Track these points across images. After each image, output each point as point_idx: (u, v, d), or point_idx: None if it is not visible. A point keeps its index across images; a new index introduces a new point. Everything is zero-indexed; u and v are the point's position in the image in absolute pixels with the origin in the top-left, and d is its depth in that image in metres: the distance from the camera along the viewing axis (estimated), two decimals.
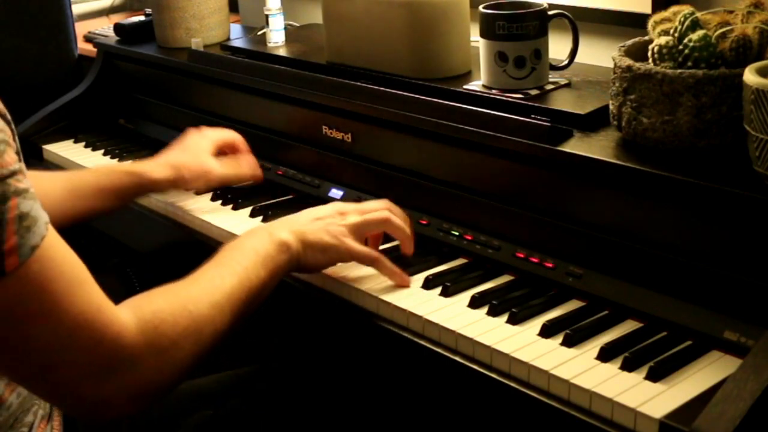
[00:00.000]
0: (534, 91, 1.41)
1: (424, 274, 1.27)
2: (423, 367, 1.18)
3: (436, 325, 1.15)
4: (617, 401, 0.97)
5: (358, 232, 1.26)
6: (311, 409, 1.31)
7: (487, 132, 1.31)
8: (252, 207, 1.53)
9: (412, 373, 1.22)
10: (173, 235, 1.60)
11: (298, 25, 2.07)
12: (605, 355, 1.05)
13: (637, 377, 1.02)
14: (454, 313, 1.17)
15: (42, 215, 0.91)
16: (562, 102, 1.37)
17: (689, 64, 1.16)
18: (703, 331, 1.06)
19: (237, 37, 2.04)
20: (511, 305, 1.17)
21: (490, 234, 1.30)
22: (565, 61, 1.46)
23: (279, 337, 1.54)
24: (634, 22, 1.48)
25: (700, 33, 1.16)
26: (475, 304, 1.19)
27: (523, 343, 1.10)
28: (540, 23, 1.40)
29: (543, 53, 1.42)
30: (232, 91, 1.78)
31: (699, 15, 1.19)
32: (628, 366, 1.03)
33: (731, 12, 1.19)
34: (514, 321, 1.14)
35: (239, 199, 1.57)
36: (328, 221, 1.25)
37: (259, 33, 1.98)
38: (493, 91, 1.43)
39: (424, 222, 1.37)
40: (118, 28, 2.11)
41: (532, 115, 1.31)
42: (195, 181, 1.54)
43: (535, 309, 1.17)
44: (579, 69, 1.50)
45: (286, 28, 1.87)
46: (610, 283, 1.16)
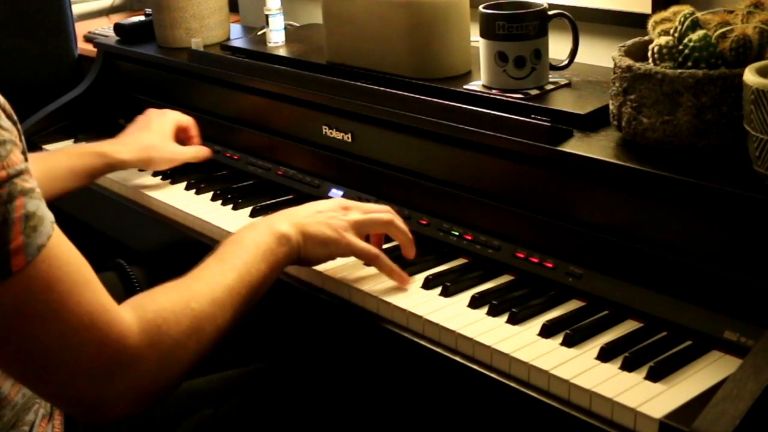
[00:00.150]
0: (534, 91, 1.41)
1: (424, 274, 1.27)
2: (423, 367, 1.18)
3: (436, 325, 1.15)
4: (617, 401, 0.98)
5: (360, 228, 1.25)
6: (311, 409, 1.30)
7: (487, 132, 1.31)
8: (252, 207, 1.53)
9: (412, 373, 1.22)
10: (173, 235, 1.60)
11: (298, 25, 2.07)
12: (605, 355, 1.05)
13: (637, 377, 1.02)
14: (454, 313, 1.17)
15: (48, 215, 0.91)
16: (562, 102, 1.37)
17: (689, 64, 1.16)
18: (703, 331, 1.06)
19: (237, 37, 2.04)
20: (511, 305, 1.17)
21: (490, 234, 1.30)
22: (565, 61, 1.46)
23: (279, 337, 1.53)
24: (634, 22, 1.48)
25: (700, 33, 1.16)
26: (475, 304, 1.19)
27: (523, 343, 1.10)
28: (540, 23, 1.40)
29: (543, 53, 1.42)
30: (232, 91, 1.78)
31: (699, 15, 1.19)
32: (628, 366, 1.03)
33: (731, 12, 1.19)
34: (514, 321, 1.14)
35: (239, 199, 1.57)
36: (330, 215, 1.24)
37: (259, 33, 1.98)
38: (493, 91, 1.43)
39: (424, 222, 1.37)
40: (118, 28, 2.11)
41: (532, 115, 1.31)
42: (162, 164, 1.64)
43: (535, 309, 1.17)
44: (579, 69, 1.50)
45: (286, 28, 1.87)
46: (610, 283, 1.16)
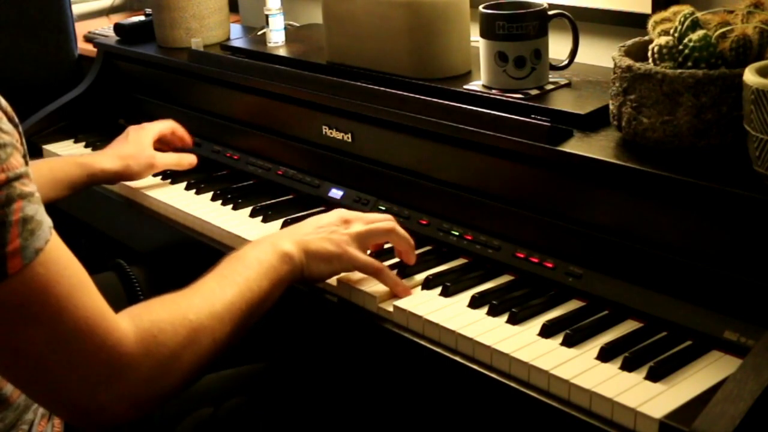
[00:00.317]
0: (534, 91, 1.41)
1: (424, 274, 1.27)
2: (423, 367, 1.18)
3: (436, 325, 1.15)
4: (617, 401, 0.97)
5: (362, 241, 1.25)
6: (311, 409, 1.30)
7: (487, 132, 1.31)
8: (252, 207, 1.53)
9: (412, 373, 1.22)
10: (173, 235, 1.60)
11: (298, 25, 2.07)
12: (605, 355, 1.05)
13: (637, 377, 1.02)
14: (454, 313, 1.17)
15: (46, 219, 0.91)
16: (562, 102, 1.37)
17: (689, 64, 1.16)
18: (703, 331, 1.06)
19: (237, 37, 2.04)
20: (511, 305, 1.17)
21: (490, 234, 1.30)
22: (565, 61, 1.46)
23: (279, 337, 1.53)
24: (634, 22, 1.48)
25: (700, 33, 1.16)
26: (475, 304, 1.19)
27: (523, 343, 1.10)
28: (540, 23, 1.40)
29: (543, 53, 1.42)
30: (232, 91, 1.78)
31: (699, 15, 1.19)
32: (628, 366, 1.03)
33: (731, 12, 1.19)
34: (514, 321, 1.14)
35: (239, 199, 1.57)
36: (332, 229, 1.24)
37: (259, 33, 1.98)
38: (493, 91, 1.43)
39: (424, 222, 1.37)
40: (118, 28, 2.11)
41: (532, 115, 1.31)
42: (142, 172, 1.66)
43: (535, 309, 1.17)
44: (579, 69, 1.50)
45: (286, 28, 1.87)
46: (610, 283, 1.16)
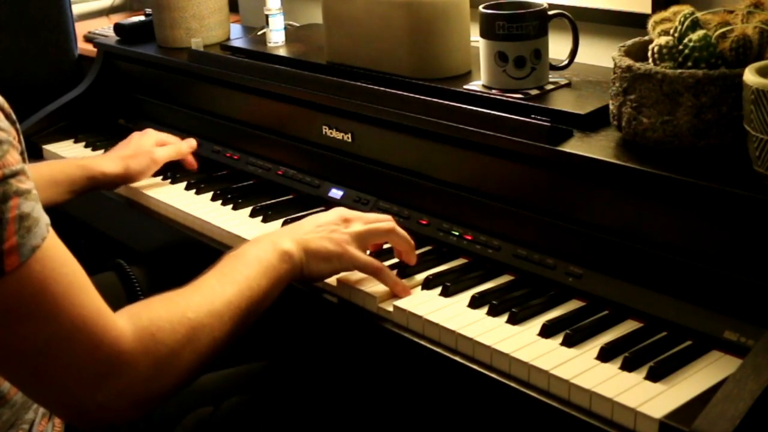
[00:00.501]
0: (534, 91, 1.41)
1: (424, 274, 1.27)
2: (423, 367, 1.18)
3: (436, 325, 1.15)
4: (617, 401, 0.97)
5: (362, 240, 1.25)
6: (311, 408, 1.30)
7: (487, 132, 1.31)
8: (252, 207, 1.53)
9: (412, 372, 1.22)
10: (173, 235, 1.60)
11: (298, 25, 2.07)
12: (605, 355, 1.05)
13: (637, 377, 1.02)
14: (454, 313, 1.17)
15: (43, 217, 0.91)
16: (562, 102, 1.37)
17: (689, 64, 1.16)
18: (703, 331, 1.06)
19: (237, 37, 2.04)
20: (511, 305, 1.17)
21: (490, 234, 1.29)
22: (565, 61, 1.46)
23: (279, 336, 1.53)
24: (634, 22, 1.48)
25: (700, 33, 1.16)
26: (475, 304, 1.19)
27: (523, 343, 1.10)
28: (540, 23, 1.40)
29: (543, 53, 1.42)
30: (232, 91, 1.78)
31: (699, 15, 1.19)
32: (628, 366, 1.03)
33: (731, 12, 1.19)
34: (514, 321, 1.14)
35: (239, 199, 1.57)
36: (332, 228, 1.25)
37: (259, 33, 1.98)
38: (493, 91, 1.43)
39: (424, 222, 1.37)
40: (118, 28, 2.11)
41: (532, 115, 1.31)
42: (143, 171, 1.66)
43: (535, 309, 1.17)
44: (579, 69, 1.50)
45: (286, 28, 1.87)
46: (610, 283, 1.16)
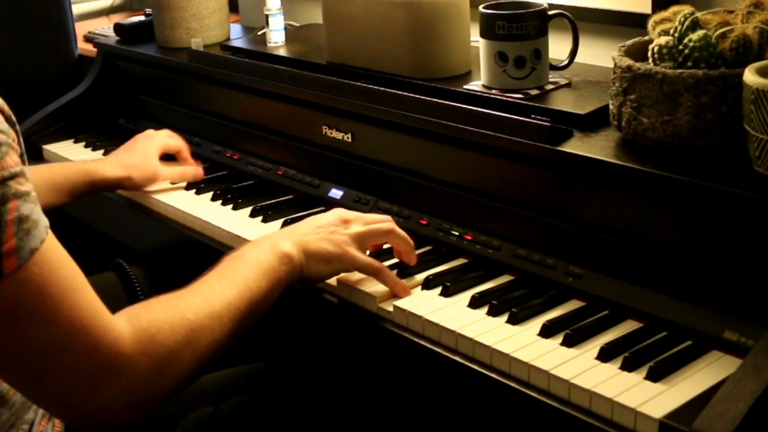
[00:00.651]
0: (534, 91, 1.41)
1: (424, 274, 1.27)
2: (423, 367, 1.18)
3: (436, 325, 1.15)
4: (617, 401, 0.97)
5: (362, 241, 1.25)
6: (311, 408, 1.30)
7: (487, 132, 1.31)
8: (252, 207, 1.53)
9: (412, 372, 1.22)
10: (173, 235, 1.60)
11: (298, 25, 2.07)
12: (605, 355, 1.05)
13: (637, 377, 1.02)
14: (454, 313, 1.17)
15: (42, 219, 0.91)
16: (562, 102, 1.37)
17: (689, 64, 1.16)
18: (703, 331, 1.06)
19: (237, 37, 2.04)
20: (511, 305, 1.17)
21: (490, 234, 1.29)
22: (565, 61, 1.46)
23: (280, 336, 1.53)
24: (634, 22, 1.48)
25: (700, 33, 1.16)
26: (475, 304, 1.19)
27: (523, 343, 1.10)
28: (540, 23, 1.40)
29: (543, 53, 1.42)
30: (232, 91, 1.78)
31: (699, 15, 1.19)
32: (628, 366, 1.03)
33: (731, 12, 1.19)
34: (514, 321, 1.14)
35: (239, 199, 1.57)
36: (332, 229, 1.24)
37: (259, 33, 1.98)
38: (493, 91, 1.42)
39: (424, 222, 1.37)
40: (118, 28, 2.11)
41: (532, 115, 1.31)
42: (143, 183, 1.64)
43: (535, 309, 1.17)
44: (579, 69, 1.50)
45: (286, 28, 1.87)
46: (610, 283, 1.16)
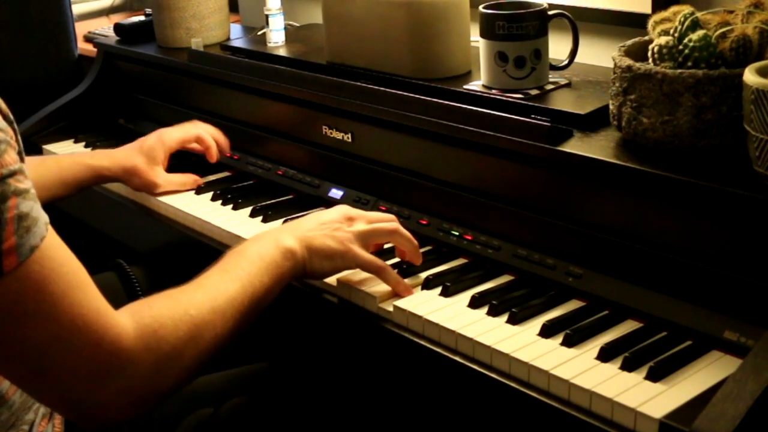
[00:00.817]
0: (534, 91, 1.41)
1: (424, 274, 1.27)
2: (423, 367, 1.18)
3: (436, 325, 1.15)
4: (617, 401, 0.97)
5: (365, 239, 1.25)
6: (311, 409, 1.30)
7: (487, 132, 1.31)
8: (252, 207, 1.53)
9: (412, 372, 1.22)
10: (173, 235, 1.60)
11: (298, 25, 2.07)
12: (605, 355, 1.05)
13: (637, 377, 1.02)
14: (454, 313, 1.17)
15: (42, 216, 0.91)
16: (562, 102, 1.37)
17: (689, 64, 1.16)
18: (703, 331, 1.06)
19: (237, 37, 2.04)
20: (511, 305, 1.17)
21: (490, 234, 1.29)
22: (565, 61, 1.46)
23: (280, 337, 1.53)
24: (634, 22, 1.48)
25: (700, 33, 1.16)
26: (475, 304, 1.19)
27: (523, 343, 1.10)
28: (540, 23, 1.40)
29: (543, 53, 1.42)
30: (232, 91, 1.78)
31: (699, 15, 1.19)
32: (628, 366, 1.03)
33: (731, 12, 1.19)
34: (514, 321, 1.14)
35: (239, 199, 1.57)
36: (335, 226, 1.24)
37: (259, 33, 1.98)
38: (493, 91, 1.42)
39: (424, 222, 1.37)
40: (118, 28, 2.11)
41: (532, 115, 1.31)
42: (141, 188, 1.65)
43: (535, 309, 1.17)
44: (579, 69, 1.50)
45: (286, 28, 1.87)
46: (610, 283, 1.16)
